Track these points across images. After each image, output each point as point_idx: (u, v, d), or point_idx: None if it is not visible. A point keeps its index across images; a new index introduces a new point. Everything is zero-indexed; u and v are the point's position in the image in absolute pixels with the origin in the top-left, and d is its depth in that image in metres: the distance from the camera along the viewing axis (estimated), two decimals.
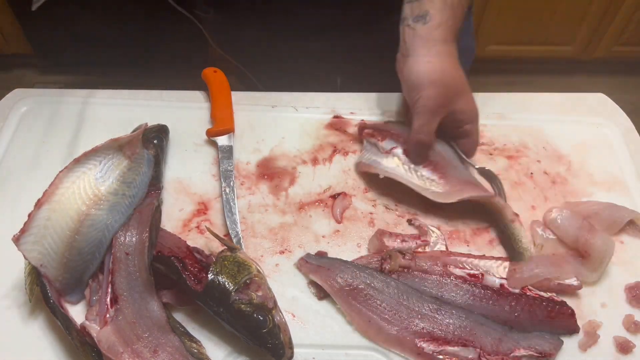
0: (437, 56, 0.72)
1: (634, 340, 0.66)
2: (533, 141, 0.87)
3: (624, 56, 2.28)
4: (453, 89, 0.73)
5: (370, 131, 0.83)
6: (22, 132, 0.85)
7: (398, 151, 0.79)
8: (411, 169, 0.77)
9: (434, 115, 0.73)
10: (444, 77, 0.72)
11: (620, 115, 0.92)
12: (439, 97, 0.72)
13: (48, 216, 0.64)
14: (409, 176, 0.77)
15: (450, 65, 0.73)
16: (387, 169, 0.78)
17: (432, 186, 0.76)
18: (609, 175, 0.83)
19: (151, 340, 0.61)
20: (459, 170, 0.78)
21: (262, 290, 0.63)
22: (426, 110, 0.73)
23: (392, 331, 0.65)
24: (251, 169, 0.82)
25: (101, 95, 0.92)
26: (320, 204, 0.79)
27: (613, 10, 2.06)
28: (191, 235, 0.74)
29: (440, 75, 0.72)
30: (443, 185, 0.75)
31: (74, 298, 0.66)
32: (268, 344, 0.61)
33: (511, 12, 2.06)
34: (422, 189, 0.75)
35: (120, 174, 0.70)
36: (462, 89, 0.74)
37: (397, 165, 0.78)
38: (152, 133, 0.80)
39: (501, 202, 0.75)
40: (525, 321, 0.67)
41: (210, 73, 0.90)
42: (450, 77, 0.73)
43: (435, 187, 0.75)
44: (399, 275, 0.69)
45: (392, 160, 0.78)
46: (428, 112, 0.73)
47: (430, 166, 0.77)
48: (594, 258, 0.70)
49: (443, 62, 0.73)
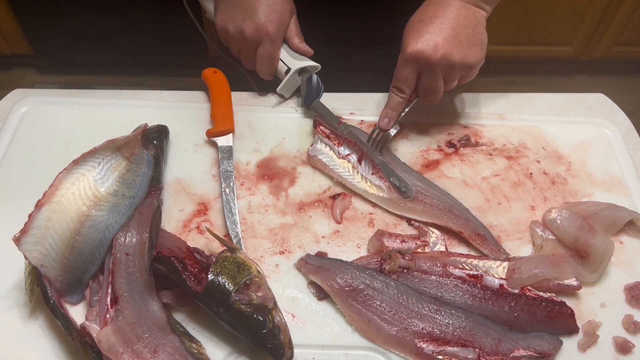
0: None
1: (633, 340, 0.66)
2: (532, 141, 0.87)
3: (623, 56, 2.28)
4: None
5: (327, 132, 0.83)
6: (21, 132, 0.85)
7: (353, 158, 0.81)
8: (364, 177, 0.79)
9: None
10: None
11: (620, 115, 0.92)
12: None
13: (48, 217, 0.64)
14: (361, 184, 0.79)
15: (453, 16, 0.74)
16: (342, 173, 0.80)
17: (383, 193, 0.78)
18: (608, 175, 0.83)
19: (151, 340, 0.61)
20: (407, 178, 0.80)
21: (262, 290, 0.63)
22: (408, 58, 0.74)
23: (391, 331, 0.65)
24: (251, 170, 0.82)
25: (101, 95, 0.92)
26: (320, 204, 0.79)
27: (613, 10, 2.06)
28: (191, 235, 0.74)
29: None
30: (389, 193, 0.78)
31: (74, 298, 0.66)
32: (268, 344, 0.61)
33: (511, 12, 2.06)
34: (374, 197, 0.78)
35: (119, 175, 0.70)
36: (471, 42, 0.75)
37: (350, 171, 0.80)
38: (152, 133, 0.80)
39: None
40: (525, 321, 0.67)
41: (210, 73, 0.90)
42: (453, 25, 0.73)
43: (384, 194, 0.78)
44: (398, 275, 0.69)
45: (347, 166, 0.81)
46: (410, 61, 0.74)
47: (379, 173, 0.79)
48: (593, 258, 0.70)
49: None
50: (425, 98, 0.79)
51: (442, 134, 0.88)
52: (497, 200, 0.80)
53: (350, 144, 0.82)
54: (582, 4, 2.04)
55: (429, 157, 0.85)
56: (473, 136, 0.87)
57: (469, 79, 0.78)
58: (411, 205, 0.77)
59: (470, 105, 0.92)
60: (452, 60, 0.73)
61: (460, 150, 0.86)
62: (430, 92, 0.78)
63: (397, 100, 0.79)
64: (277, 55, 0.86)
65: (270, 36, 0.83)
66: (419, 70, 0.76)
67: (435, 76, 0.75)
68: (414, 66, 0.75)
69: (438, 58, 0.73)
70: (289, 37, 0.87)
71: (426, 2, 0.77)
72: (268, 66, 0.86)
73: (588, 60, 2.29)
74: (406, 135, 0.87)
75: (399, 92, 0.79)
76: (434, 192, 0.78)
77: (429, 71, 0.75)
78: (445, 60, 0.73)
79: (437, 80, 0.76)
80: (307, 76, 0.87)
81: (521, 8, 2.04)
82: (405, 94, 0.78)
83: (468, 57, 0.74)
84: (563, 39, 2.20)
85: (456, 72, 0.75)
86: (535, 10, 2.06)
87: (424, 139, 0.87)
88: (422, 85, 0.77)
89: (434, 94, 0.78)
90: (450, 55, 0.73)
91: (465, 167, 0.84)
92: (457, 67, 0.74)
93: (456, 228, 0.75)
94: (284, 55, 0.87)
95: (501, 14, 2.08)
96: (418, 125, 0.88)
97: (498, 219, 0.78)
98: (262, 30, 0.82)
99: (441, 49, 0.72)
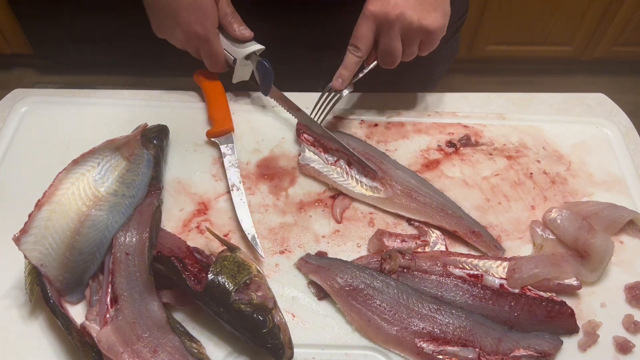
0: None
1: (633, 340, 0.66)
2: (533, 141, 0.87)
3: (623, 56, 2.28)
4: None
5: (311, 140, 0.83)
6: (22, 132, 0.85)
7: (342, 163, 0.81)
8: (355, 179, 0.80)
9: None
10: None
11: (620, 115, 0.92)
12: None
13: (48, 217, 0.64)
14: (354, 187, 0.79)
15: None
16: (336, 179, 0.80)
17: (377, 193, 0.78)
18: (608, 175, 0.83)
19: (151, 340, 0.61)
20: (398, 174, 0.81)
21: (262, 290, 0.63)
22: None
23: (391, 331, 0.65)
24: (251, 169, 0.82)
25: (101, 95, 0.92)
26: (320, 204, 0.79)
27: (613, 10, 2.06)
28: (191, 235, 0.74)
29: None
30: (385, 192, 0.78)
31: (74, 298, 0.66)
32: (268, 344, 0.61)
33: (511, 12, 2.06)
34: (369, 198, 0.78)
35: (119, 174, 0.70)
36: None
37: (342, 176, 0.80)
38: (152, 133, 0.80)
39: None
40: (525, 321, 0.67)
41: (202, 75, 0.90)
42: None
43: (380, 194, 0.78)
44: (398, 275, 0.69)
45: (338, 172, 0.81)
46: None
47: (370, 175, 0.79)
48: (593, 258, 0.70)
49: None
50: (383, 60, 0.79)
51: (442, 134, 0.88)
52: (497, 200, 0.80)
53: (334, 152, 0.82)
54: (582, 4, 2.04)
55: (429, 157, 0.85)
56: (473, 136, 0.87)
57: (429, 47, 0.78)
58: (406, 203, 0.77)
59: (470, 105, 0.93)
60: (410, 19, 0.73)
61: (461, 150, 0.86)
62: (387, 53, 0.77)
63: (352, 60, 0.78)
64: (218, 51, 0.84)
65: (202, 37, 0.81)
66: (377, 28, 0.75)
67: (392, 34, 0.75)
68: (372, 23, 0.75)
69: (395, 15, 0.72)
70: (225, 24, 0.83)
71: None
72: (215, 64, 0.85)
73: (588, 60, 2.29)
74: (406, 135, 0.87)
75: (355, 50, 0.77)
76: (427, 191, 0.78)
77: (386, 29, 0.74)
78: (402, 18, 0.73)
79: (394, 39, 0.75)
80: (256, 63, 0.85)
81: (521, 8, 2.05)
82: (360, 52, 0.77)
83: (426, 21, 0.74)
84: (563, 39, 2.20)
85: (414, 33, 0.75)
86: (535, 10, 2.06)
87: (424, 138, 0.87)
88: (380, 46, 0.77)
89: (391, 56, 0.77)
90: (409, 15, 0.73)
91: (466, 166, 0.84)
92: (414, 28, 0.74)
93: (450, 227, 0.75)
94: (226, 45, 0.84)
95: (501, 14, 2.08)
96: (418, 125, 0.88)
97: (498, 219, 0.78)
98: (191, 34, 0.81)
99: (400, 7, 0.72)
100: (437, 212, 0.76)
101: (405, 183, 0.79)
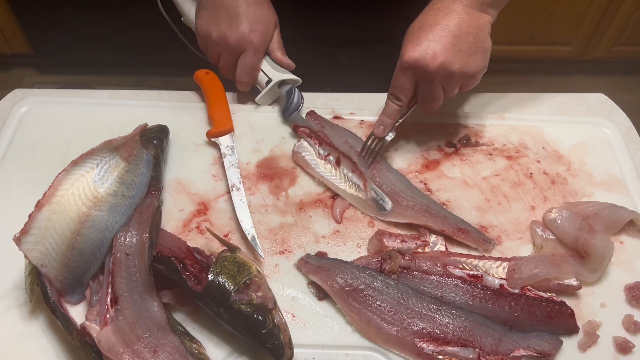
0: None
1: (633, 340, 0.66)
2: (532, 141, 0.87)
3: (623, 56, 2.28)
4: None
5: (307, 131, 0.84)
6: (22, 132, 0.85)
7: (331, 159, 0.81)
8: (342, 176, 0.80)
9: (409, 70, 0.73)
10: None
11: (620, 115, 0.92)
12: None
13: (48, 217, 0.64)
14: (340, 184, 0.79)
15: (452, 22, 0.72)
16: (323, 173, 0.80)
17: (359, 193, 0.78)
18: (608, 175, 0.83)
19: (151, 340, 0.61)
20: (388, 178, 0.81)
21: (262, 290, 0.63)
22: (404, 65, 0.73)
23: (392, 331, 0.65)
24: (251, 169, 0.82)
25: (101, 95, 0.92)
26: (320, 204, 0.79)
27: (613, 10, 2.06)
28: (191, 235, 0.74)
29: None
30: (366, 194, 0.78)
31: (74, 298, 0.66)
32: (268, 344, 0.61)
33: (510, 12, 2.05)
34: (352, 197, 0.78)
35: (118, 175, 0.70)
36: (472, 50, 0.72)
37: (330, 172, 0.81)
38: (152, 133, 0.80)
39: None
40: (525, 321, 0.67)
41: (202, 75, 0.90)
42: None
43: (361, 195, 0.78)
44: (398, 275, 0.69)
45: (327, 167, 0.81)
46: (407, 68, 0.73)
47: (358, 172, 0.79)
48: (593, 258, 0.70)
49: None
50: (423, 105, 0.78)
51: (442, 134, 0.88)
52: (497, 200, 0.80)
53: (328, 146, 0.82)
54: (582, 4, 2.04)
55: (429, 157, 0.85)
56: (473, 136, 0.88)
57: (470, 87, 0.76)
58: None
59: (470, 105, 0.93)
60: (450, 69, 0.71)
61: (461, 150, 0.86)
62: (428, 100, 0.76)
63: (393, 108, 0.78)
64: (259, 66, 0.86)
65: (255, 46, 0.83)
66: (416, 78, 0.74)
67: (433, 85, 0.73)
68: (410, 74, 0.73)
69: (435, 67, 0.70)
70: (272, 49, 0.87)
71: (428, 7, 0.74)
72: (249, 76, 0.86)
73: (588, 60, 2.30)
74: (406, 135, 0.87)
75: (396, 100, 0.77)
76: (411, 195, 0.78)
77: (426, 80, 0.73)
78: (443, 69, 0.71)
79: (435, 89, 0.74)
80: (287, 88, 0.87)
81: (521, 8, 2.05)
82: (401, 102, 0.77)
83: (468, 67, 0.72)
84: (563, 39, 2.20)
85: (455, 81, 0.73)
86: (535, 10, 2.06)
87: (424, 139, 0.87)
88: (421, 94, 0.76)
89: (432, 102, 0.76)
90: (449, 64, 0.70)
91: (466, 167, 0.84)
92: (455, 77, 0.72)
93: (436, 227, 0.74)
94: (265, 67, 0.87)
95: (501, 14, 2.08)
96: (418, 125, 0.88)
97: (498, 219, 0.78)
98: (246, 40, 0.82)
99: (439, 58, 0.70)
100: (422, 214, 0.76)
101: (391, 186, 0.79)
